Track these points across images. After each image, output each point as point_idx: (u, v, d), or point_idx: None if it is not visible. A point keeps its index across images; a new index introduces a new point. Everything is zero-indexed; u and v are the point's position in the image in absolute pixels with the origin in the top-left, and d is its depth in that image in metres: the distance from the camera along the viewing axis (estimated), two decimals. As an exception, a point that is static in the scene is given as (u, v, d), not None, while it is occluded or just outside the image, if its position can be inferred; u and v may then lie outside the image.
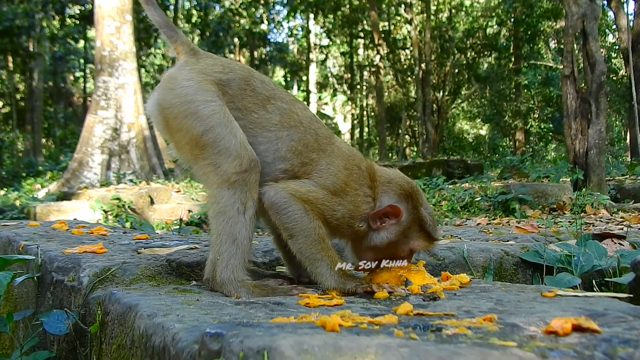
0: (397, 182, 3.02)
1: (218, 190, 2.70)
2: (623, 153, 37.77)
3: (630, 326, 1.79)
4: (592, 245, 4.10)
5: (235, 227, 2.68)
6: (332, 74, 56.43)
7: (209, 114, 2.73)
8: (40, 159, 36.54)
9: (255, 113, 2.89)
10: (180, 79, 2.84)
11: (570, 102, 13.83)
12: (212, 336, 1.62)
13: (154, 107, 2.91)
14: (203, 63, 2.94)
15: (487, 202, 12.65)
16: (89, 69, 46.40)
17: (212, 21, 40.69)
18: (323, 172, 2.87)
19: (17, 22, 33.00)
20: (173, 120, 2.81)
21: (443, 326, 1.83)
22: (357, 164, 2.98)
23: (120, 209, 13.89)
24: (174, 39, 3.04)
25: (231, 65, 3.00)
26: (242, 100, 2.89)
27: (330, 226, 2.86)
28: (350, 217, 2.87)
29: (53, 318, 2.78)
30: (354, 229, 2.92)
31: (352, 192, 2.89)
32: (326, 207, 2.81)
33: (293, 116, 2.93)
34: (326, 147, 2.94)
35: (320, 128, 3.00)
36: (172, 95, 2.81)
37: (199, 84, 2.80)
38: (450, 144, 51.26)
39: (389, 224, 2.94)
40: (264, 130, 2.87)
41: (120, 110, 20.52)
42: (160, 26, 3.07)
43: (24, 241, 3.70)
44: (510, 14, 44.55)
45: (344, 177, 2.89)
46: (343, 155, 2.98)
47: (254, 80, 2.97)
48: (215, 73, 2.89)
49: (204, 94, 2.77)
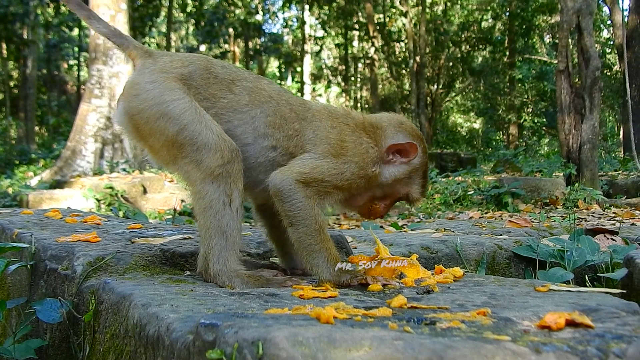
0: (410, 125, 3.11)
1: (202, 185, 2.70)
2: (616, 148, 37.77)
3: (623, 322, 1.80)
4: (585, 240, 4.11)
5: (223, 220, 2.68)
6: (326, 65, 56.30)
7: (181, 112, 2.71)
8: (34, 146, 36.37)
9: (224, 98, 2.88)
10: (143, 82, 2.81)
11: (564, 97, 13.85)
12: (207, 327, 1.63)
13: (122, 117, 2.87)
14: (161, 62, 2.91)
15: (479, 195, 12.69)
16: (83, 57, 46.24)
17: (207, 11, 40.55)
18: (314, 139, 2.88)
19: (12, 9, 32.84)
20: (144, 126, 2.78)
21: (437, 319, 1.84)
22: (343, 121, 3.00)
23: (113, 198, 13.87)
24: (125, 45, 3.01)
25: (189, 58, 2.98)
26: (208, 89, 2.88)
27: (344, 188, 2.87)
28: (360, 168, 2.88)
29: (46, 306, 2.78)
30: (368, 177, 2.93)
31: (351, 145, 2.90)
32: (334, 174, 2.81)
33: (261, 92, 2.94)
34: (305, 114, 2.96)
35: (290, 97, 3.02)
36: (139, 100, 2.78)
37: (163, 84, 2.78)
38: (444, 137, 51.22)
39: (399, 161, 2.99)
40: (236, 113, 2.87)
41: (114, 99, 20.37)
42: (108, 37, 3.04)
43: (17, 229, 3.68)
44: (505, 7, 44.47)
45: (336, 135, 2.90)
46: (324, 116, 2.99)
47: (215, 67, 2.96)
48: (175, 69, 2.87)
49: (171, 93, 2.75)
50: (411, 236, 4.65)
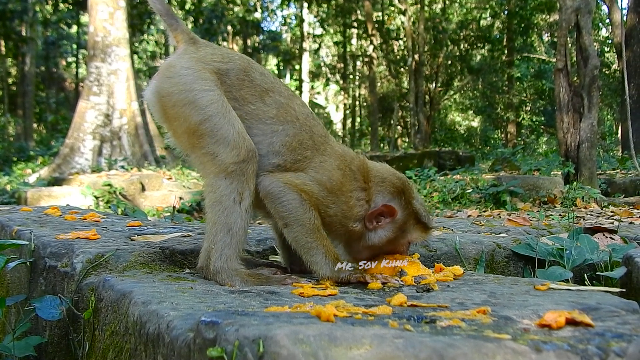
0: (389, 180, 3.02)
1: (215, 179, 2.70)
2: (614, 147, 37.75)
3: (623, 320, 1.81)
4: (584, 239, 4.11)
5: (231, 217, 2.68)
6: (325, 63, 56.32)
7: (207, 103, 2.72)
8: (32, 143, 36.37)
9: (252, 104, 2.88)
10: (178, 67, 2.83)
11: (562, 96, 13.83)
12: (208, 324, 1.63)
13: (152, 95, 2.89)
14: (202, 52, 2.92)
15: (478, 194, 12.67)
16: (81, 55, 46.21)
17: (205, 8, 40.50)
18: (317, 168, 2.87)
19: (10, 6, 32.84)
20: (171, 109, 2.80)
21: (437, 318, 1.84)
22: (349, 165, 2.97)
23: (112, 195, 13.88)
24: (174, 27, 3.03)
25: (230, 55, 2.99)
26: (240, 90, 2.88)
27: (324, 222, 2.85)
28: (343, 216, 2.88)
29: (46, 303, 2.78)
30: (347, 229, 2.92)
31: (346, 193, 2.89)
32: (320, 202, 2.81)
33: (290, 111, 2.92)
34: (320, 146, 2.94)
35: (315, 126, 2.99)
36: (171, 83, 2.79)
37: (198, 73, 2.79)
38: (442, 136, 51.27)
39: (385, 223, 2.94)
40: (259, 123, 2.86)
41: (113, 97, 20.45)
42: (161, 14, 3.05)
43: (17, 226, 3.68)
44: (504, 6, 44.51)
45: (338, 176, 2.89)
46: (336, 155, 2.97)
47: (253, 72, 2.96)
48: (214, 62, 2.88)
49: (202, 83, 2.76)
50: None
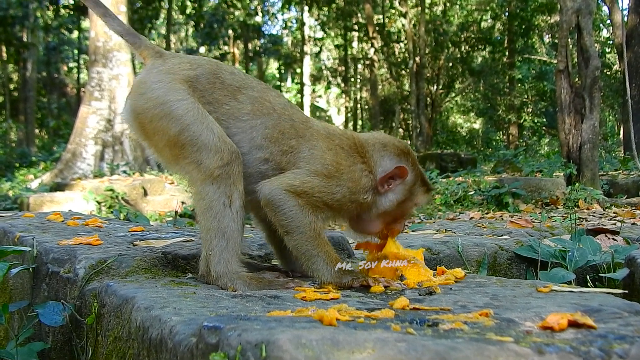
0: (392, 144, 3.08)
1: (202, 186, 2.70)
2: (616, 148, 37.78)
3: (625, 322, 1.80)
4: (586, 240, 4.11)
5: (223, 221, 2.68)
6: (326, 66, 56.33)
7: (183, 113, 2.72)
8: (34, 149, 36.42)
9: (227, 105, 2.88)
10: (149, 82, 2.83)
11: (564, 97, 13.85)
12: (210, 329, 1.63)
13: (128, 115, 2.89)
14: (170, 63, 2.92)
15: (480, 196, 12.69)
16: (82, 60, 46.30)
17: (206, 13, 40.59)
18: (308, 158, 2.87)
19: (11, 12, 32.89)
20: (148, 124, 2.80)
21: (439, 321, 1.84)
22: (339, 144, 2.98)
23: (114, 200, 13.88)
24: (137, 44, 3.04)
25: (198, 61, 2.99)
26: (213, 93, 2.88)
27: (333, 208, 2.86)
28: (351, 193, 2.88)
29: (49, 309, 2.78)
30: (359, 203, 2.93)
31: (346, 169, 2.89)
32: (324, 192, 2.80)
33: (265, 104, 2.93)
34: (304, 132, 2.94)
35: (295, 113, 3.00)
36: (144, 99, 2.79)
37: (169, 84, 2.79)
38: (444, 138, 51.25)
39: (395, 185, 2.99)
40: (236, 121, 2.87)
41: (114, 102, 20.45)
42: (122, 35, 3.07)
43: (19, 232, 3.69)
44: (504, 7, 44.52)
45: (331, 158, 2.89)
46: (322, 136, 2.97)
47: (223, 73, 2.96)
48: (183, 71, 2.88)
49: (175, 94, 2.76)
50: (412, 237, 4.65)
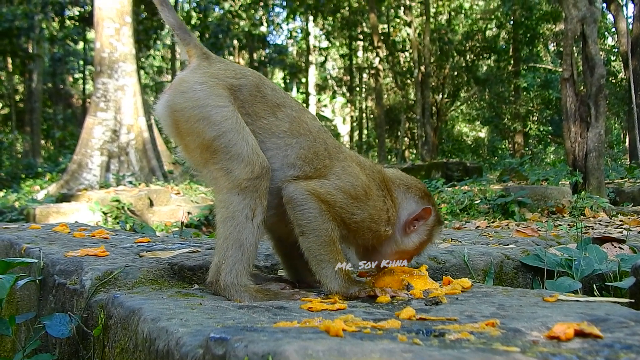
0: (415, 186, 3.12)
1: (228, 195, 2.69)
2: (622, 156, 37.72)
3: (632, 331, 1.80)
4: (593, 249, 4.10)
5: (243, 232, 2.68)
6: (331, 76, 56.39)
7: (222, 119, 2.72)
8: (40, 160, 36.49)
9: (265, 119, 2.88)
10: (192, 82, 2.83)
11: (569, 105, 13.83)
12: (217, 341, 1.63)
13: (164, 109, 2.89)
14: (215, 67, 2.92)
15: (486, 205, 12.65)
16: (88, 71, 46.35)
17: (211, 23, 40.64)
18: (339, 174, 2.87)
19: (17, 24, 32.94)
20: (184, 124, 2.79)
21: (446, 331, 1.84)
22: (370, 173, 3.01)
23: (120, 211, 13.89)
24: (187, 41, 3.03)
25: (243, 71, 2.99)
26: (253, 106, 2.88)
27: (349, 228, 2.86)
28: (371, 221, 2.88)
29: (56, 321, 2.79)
30: (378, 234, 2.93)
31: (374, 197, 2.91)
32: (344, 210, 2.81)
33: (302, 125, 2.93)
34: (338, 155, 2.95)
35: (328, 138, 3.01)
36: (184, 98, 2.79)
37: (212, 89, 2.79)
38: (450, 147, 51.25)
39: (419, 226, 3.02)
40: (272, 137, 2.87)
41: (120, 112, 20.49)
42: (174, 28, 3.05)
43: (26, 244, 3.69)
44: (509, 16, 44.52)
45: (363, 181, 2.91)
46: (355, 162, 3.00)
47: (265, 87, 2.96)
48: (227, 78, 2.88)
49: (216, 99, 2.76)
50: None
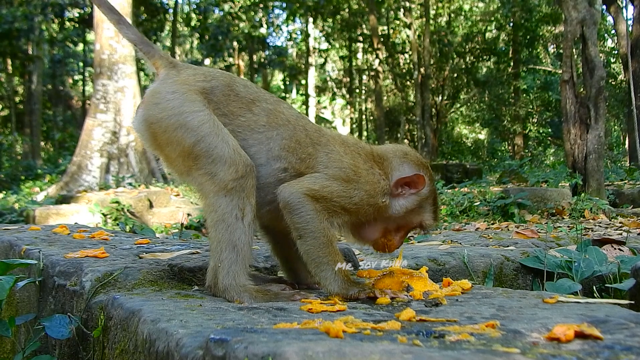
0: (413, 154, 3.15)
1: (215, 198, 2.69)
2: (622, 158, 37.72)
3: (632, 333, 1.80)
4: (593, 251, 4.10)
5: (235, 233, 2.68)
6: (331, 77, 56.40)
7: (199, 124, 2.72)
8: (39, 162, 36.46)
9: (242, 117, 2.89)
10: (164, 92, 2.83)
11: (569, 107, 13.84)
12: (217, 342, 1.63)
13: (140, 124, 2.88)
14: (184, 74, 2.92)
15: (486, 206, 12.65)
16: (88, 72, 46.38)
17: (211, 25, 40.68)
18: (326, 162, 2.89)
19: (16, 25, 32.93)
20: (162, 135, 2.79)
21: (446, 332, 1.83)
22: (355, 149, 3.03)
23: (120, 213, 13.88)
24: (151, 54, 3.02)
25: (212, 73, 3.00)
26: (228, 105, 2.89)
27: (351, 212, 2.89)
28: (369, 196, 2.91)
29: (55, 322, 2.79)
30: (377, 206, 2.96)
31: (363, 172, 2.93)
32: (343, 197, 2.83)
33: (280, 115, 2.95)
34: (319, 140, 2.97)
35: (307, 124, 3.03)
36: (159, 109, 2.79)
37: (184, 95, 2.79)
38: (449, 148, 51.27)
39: (408, 193, 3.03)
40: (253, 133, 2.88)
41: (120, 114, 20.47)
42: (136, 43, 3.05)
43: (25, 245, 3.69)
44: (509, 18, 44.53)
45: (349, 160, 2.93)
46: (337, 142, 3.01)
47: (237, 85, 2.97)
48: (198, 82, 2.88)
49: (190, 105, 2.76)
50: (418, 248, 4.64)
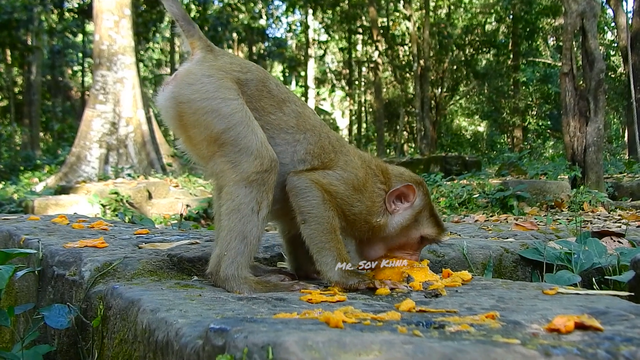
0: (408, 174, 3.16)
1: (235, 187, 2.68)
2: (621, 151, 37.79)
3: (632, 324, 1.80)
4: (592, 243, 4.09)
5: (247, 225, 2.67)
6: (330, 69, 56.35)
7: (231, 112, 2.71)
8: (38, 152, 36.47)
9: (273, 114, 2.89)
10: (199, 74, 2.81)
11: (568, 100, 13.84)
12: (217, 331, 1.62)
13: (168, 101, 2.85)
14: (221, 61, 2.91)
15: (485, 199, 12.66)
16: (87, 63, 46.33)
17: (210, 16, 40.57)
18: (343, 166, 2.91)
19: (16, 16, 32.89)
20: (190, 116, 2.77)
21: (446, 323, 1.83)
22: (369, 164, 3.05)
23: (119, 204, 13.89)
24: (191, 33, 3.00)
25: (248, 66, 2.98)
26: (260, 101, 2.88)
27: (347, 220, 2.89)
28: (367, 213, 2.92)
29: (54, 312, 2.78)
30: (371, 225, 2.95)
31: (369, 189, 2.94)
32: (345, 201, 2.84)
33: (307, 120, 2.95)
34: (341, 149, 2.98)
35: (330, 132, 3.04)
36: (191, 90, 2.77)
37: (220, 81, 2.78)
38: (448, 141, 51.23)
39: (402, 208, 3.01)
40: (281, 132, 2.88)
41: (119, 105, 20.48)
42: (178, 19, 3.01)
43: (24, 235, 3.69)
44: (509, 10, 44.47)
45: (363, 174, 2.95)
46: (356, 155, 3.04)
47: (270, 83, 2.97)
48: (234, 72, 2.87)
49: (225, 92, 2.75)
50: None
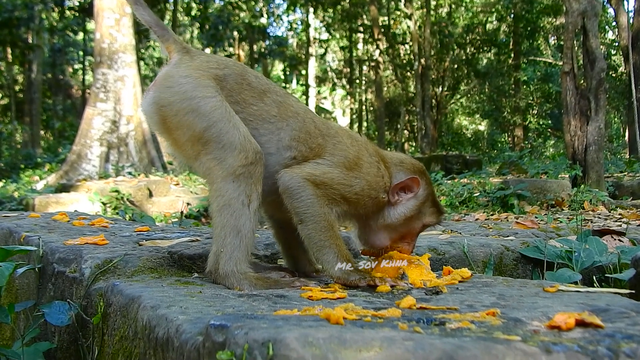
0: (409, 161, 3.18)
1: (222, 183, 2.69)
2: (621, 150, 37.80)
3: (633, 322, 1.80)
4: (593, 241, 4.10)
5: (240, 219, 2.68)
6: (331, 68, 56.37)
7: (211, 110, 2.72)
8: (39, 150, 36.50)
9: (254, 105, 2.90)
10: (177, 76, 2.82)
11: (569, 99, 13.82)
12: (217, 328, 1.62)
13: (150, 106, 2.87)
14: (198, 60, 2.92)
15: (485, 197, 12.66)
16: (88, 61, 46.34)
17: (211, 14, 40.57)
18: (332, 150, 2.92)
19: (17, 14, 32.90)
20: (172, 118, 2.78)
21: (446, 320, 1.83)
22: (362, 144, 3.06)
23: (119, 202, 13.89)
24: (165, 37, 3.01)
25: (225, 62, 3.00)
26: (240, 94, 2.89)
27: (351, 202, 2.90)
28: (370, 188, 2.93)
29: (55, 309, 2.78)
30: (377, 200, 2.98)
31: (366, 164, 2.96)
32: (343, 184, 2.85)
33: (289, 108, 2.96)
34: (328, 132, 3.00)
35: (315, 116, 3.06)
36: (170, 92, 2.78)
37: (197, 80, 2.79)
38: (449, 140, 51.27)
39: (405, 199, 3.04)
40: (264, 122, 2.89)
41: (120, 103, 20.47)
42: (151, 25, 3.03)
43: (25, 232, 3.69)
44: (510, 9, 44.47)
45: (354, 151, 2.96)
46: (345, 135, 3.05)
47: (249, 75, 2.98)
48: (211, 69, 2.88)
49: (203, 90, 2.76)
50: (418, 237, 4.64)
